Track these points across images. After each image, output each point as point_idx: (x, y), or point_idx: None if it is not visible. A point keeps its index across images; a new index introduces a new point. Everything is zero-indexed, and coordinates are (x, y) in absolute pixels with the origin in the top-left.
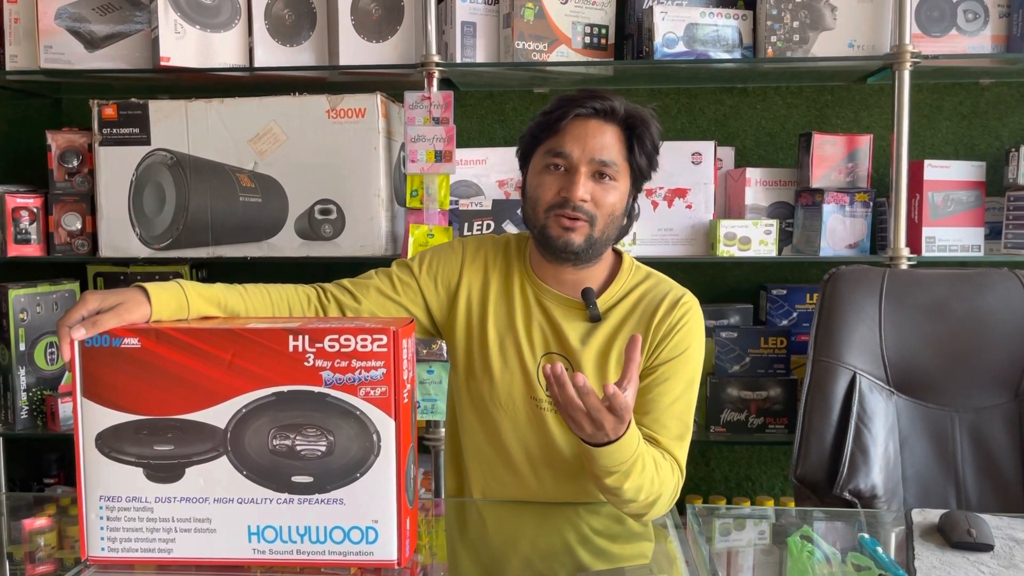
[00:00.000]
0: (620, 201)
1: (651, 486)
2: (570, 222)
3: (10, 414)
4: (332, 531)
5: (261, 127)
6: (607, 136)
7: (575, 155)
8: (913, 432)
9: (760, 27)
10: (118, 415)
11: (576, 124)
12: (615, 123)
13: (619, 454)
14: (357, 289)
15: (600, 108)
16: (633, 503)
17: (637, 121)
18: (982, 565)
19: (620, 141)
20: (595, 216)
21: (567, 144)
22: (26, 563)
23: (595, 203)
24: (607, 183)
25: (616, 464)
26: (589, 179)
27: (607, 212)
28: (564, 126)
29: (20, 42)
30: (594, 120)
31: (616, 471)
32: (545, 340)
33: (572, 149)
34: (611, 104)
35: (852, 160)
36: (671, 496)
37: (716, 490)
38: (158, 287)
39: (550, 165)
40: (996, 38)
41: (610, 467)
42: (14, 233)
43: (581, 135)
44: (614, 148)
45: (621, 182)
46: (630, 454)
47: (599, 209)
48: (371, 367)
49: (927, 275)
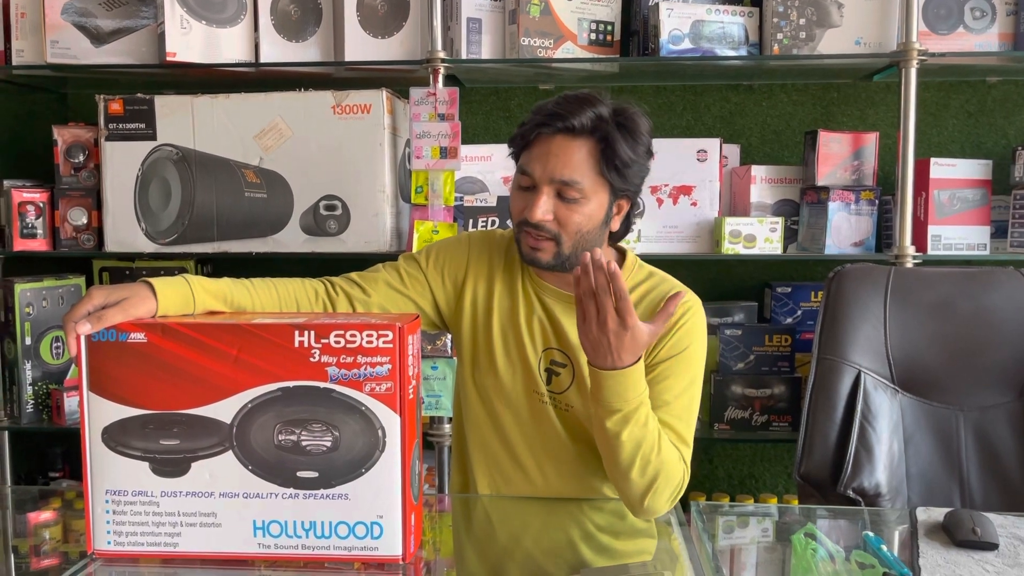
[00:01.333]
0: (590, 217)
1: (651, 451)
2: (535, 241)
3: (16, 408)
4: (337, 526)
5: (266, 123)
6: (572, 153)
7: (536, 174)
8: (917, 430)
9: (766, 24)
10: (124, 409)
11: (541, 141)
12: (584, 136)
13: (623, 386)
14: (366, 282)
15: (564, 125)
16: (632, 469)
17: (609, 131)
18: (987, 564)
19: (591, 155)
20: (559, 234)
21: (531, 162)
22: (31, 556)
23: (558, 222)
24: (571, 203)
25: (619, 400)
26: (552, 198)
27: (572, 231)
28: (532, 143)
29: (26, 37)
30: (559, 136)
31: (618, 409)
32: (545, 335)
33: (534, 168)
34: (574, 121)
35: (858, 158)
36: (676, 486)
37: (719, 487)
38: (164, 282)
39: (520, 183)
40: (1003, 36)
41: (612, 402)
42: (20, 227)
43: (542, 154)
44: (582, 165)
45: (592, 198)
46: (634, 395)
47: (563, 228)
48: (376, 363)
49: (932, 273)
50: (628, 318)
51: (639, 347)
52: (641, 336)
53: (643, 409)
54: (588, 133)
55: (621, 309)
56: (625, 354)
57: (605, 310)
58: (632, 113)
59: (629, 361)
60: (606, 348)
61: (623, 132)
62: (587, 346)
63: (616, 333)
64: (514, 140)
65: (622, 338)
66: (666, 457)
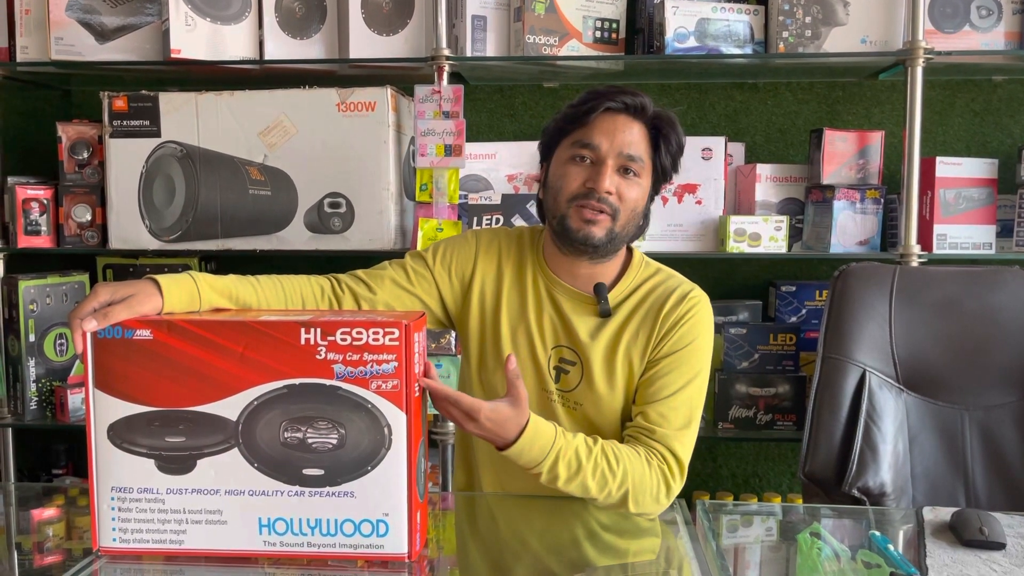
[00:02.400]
0: (642, 198)
1: (603, 481)
2: (593, 214)
3: (19, 405)
4: (343, 524)
5: (271, 120)
6: (635, 132)
7: (603, 147)
8: (923, 430)
9: (772, 22)
10: (130, 406)
11: (605, 117)
12: (642, 121)
13: (527, 453)
14: (372, 280)
15: (630, 104)
16: (597, 500)
17: (664, 121)
18: (994, 564)
19: (646, 139)
20: (618, 210)
21: (595, 136)
22: (34, 553)
23: (619, 197)
24: (632, 178)
25: (533, 463)
26: (615, 173)
27: (630, 207)
28: (593, 119)
29: (31, 34)
30: (623, 115)
31: (540, 471)
32: (555, 333)
33: (600, 141)
34: (641, 101)
35: (863, 156)
36: (655, 489)
37: (723, 486)
38: (170, 279)
39: (576, 156)
40: (1009, 35)
41: (531, 467)
42: (24, 224)
43: (610, 128)
44: (641, 144)
45: (644, 179)
46: (541, 454)
47: (623, 203)
48: (383, 360)
49: (938, 272)
50: (472, 413)
51: (510, 419)
52: (502, 412)
53: (565, 455)
54: (645, 117)
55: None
56: (503, 431)
57: (454, 417)
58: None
59: (515, 432)
60: (489, 437)
61: (672, 123)
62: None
63: (478, 427)
64: (567, 118)
65: (485, 427)
66: (627, 472)
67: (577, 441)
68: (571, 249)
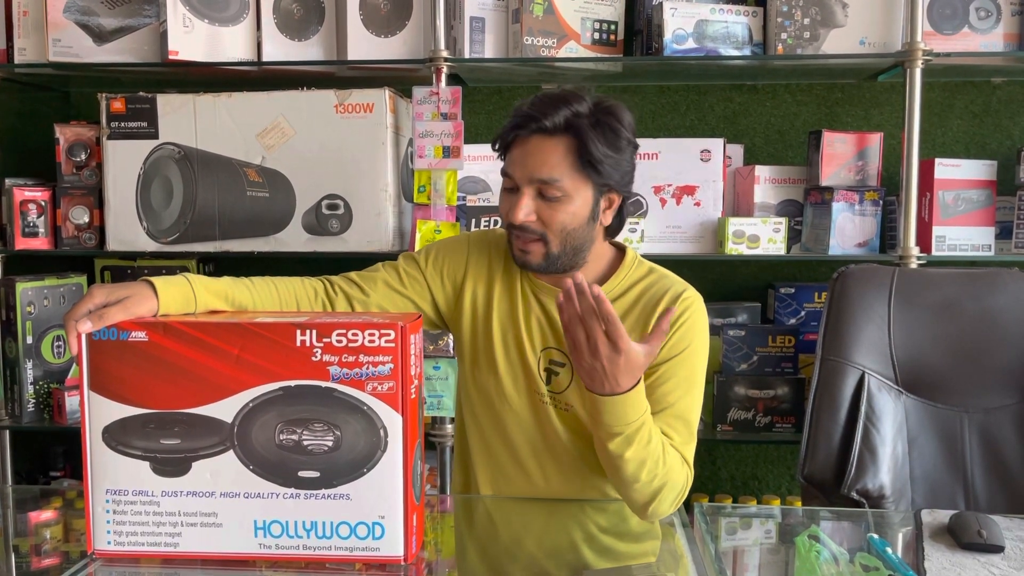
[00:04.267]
0: (574, 215)
1: (655, 465)
2: (523, 243)
3: (17, 407)
4: (339, 526)
5: (269, 122)
6: (549, 152)
7: (517, 175)
8: (922, 432)
9: (771, 24)
10: (125, 408)
11: (519, 143)
12: (559, 134)
13: (623, 410)
14: (365, 282)
15: (539, 126)
16: (637, 483)
17: (584, 128)
18: (993, 567)
19: (569, 153)
20: (544, 234)
21: (510, 165)
22: (32, 556)
23: (542, 222)
24: (553, 202)
25: (620, 423)
26: (534, 199)
27: (557, 229)
28: (512, 147)
29: (29, 35)
30: (535, 137)
31: (619, 432)
32: (544, 335)
33: (514, 170)
34: (547, 122)
35: (862, 158)
36: (679, 491)
37: (722, 489)
38: (165, 281)
39: (505, 185)
40: (1008, 36)
41: (613, 426)
42: (22, 226)
43: (520, 156)
44: (560, 164)
45: (575, 195)
46: (635, 416)
47: (548, 227)
48: (379, 362)
49: (937, 274)
50: (620, 342)
51: (636, 369)
52: (637, 358)
53: (645, 428)
54: (563, 131)
55: (612, 333)
56: (622, 378)
57: (595, 336)
58: (610, 107)
59: (628, 385)
60: (601, 375)
61: (600, 127)
62: (582, 374)
63: (609, 359)
64: (495, 144)
65: (616, 363)
66: (671, 467)
67: (652, 421)
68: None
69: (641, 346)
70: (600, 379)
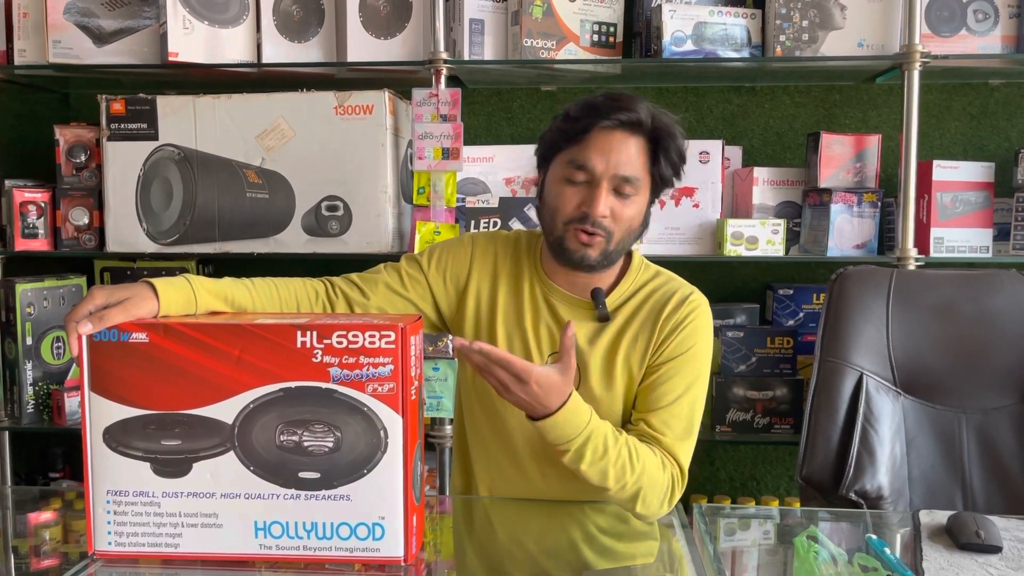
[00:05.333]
0: (639, 214)
1: (621, 473)
2: (588, 238)
3: (16, 408)
4: (339, 527)
5: (268, 123)
6: (631, 149)
7: (598, 169)
8: (920, 433)
9: (769, 26)
10: (126, 409)
11: (600, 136)
12: (640, 134)
13: (561, 428)
14: (365, 284)
15: (625, 120)
16: (607, 491)
17: (663, 133)
18: (990, 567)
19: (644, 153)
20: (613, 232)
21: (590, 157)
22: (31, 557)
23: (614, 218)
24: (627, 198)
25: (562, 440)
26: (610, 194)
27: (625, 227)
28: (587, 137)
29: (29, 37)
30: (618, 132)
31: (566, 449)
32: (552, 339)
33: (595, 163)
34: (637, 116)
35: (860, 160)
36: (665, 491)
37: (721, 490)
38: (165, 282)
39: (571, 176)
40: (1006, 38)
41: (559, 443)
42: (22, 227)
43: (604, 148)
44: (637, 161)
45: (641, 195)
46: (575, 432)
47: (617, 224)
48: (379, 363)
49: (935, 276)
50: (523, 375)
51: (556, 388)
52: (550, 379)
53: (595, 439)
54: (643, 130)
55: (513, 371)
56: (548, 400)
57: (502, 379)
58: (668, 115)
59: (556, 404)
60: (528, 403)
61: (673, 132)
62: (517, 407)
63: (524, 390)
64: (562, 133)
65: (532, 391)
66: (645, 470)
67: (606, 427)
68: (569, 265)
69: (552, 367)
70: (529, 406)
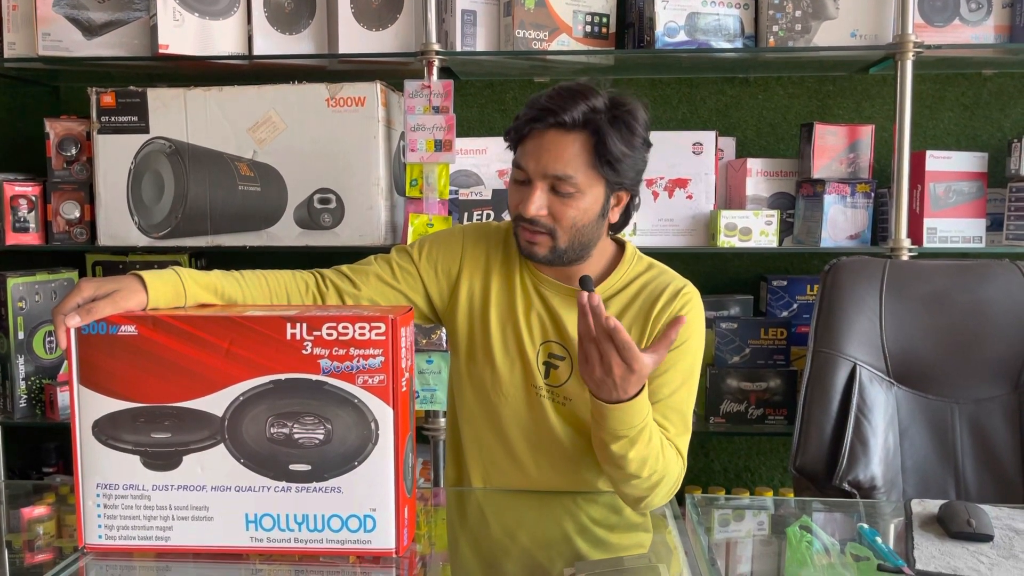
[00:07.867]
0: (585, 211)
1: (655, 462)
2: (531, 235)
3: (9, 403)
4: (330, 519)
5: (260, 116)
6: (566, 148)
7: (530, 169)
8: (913, 423)
9: (762, 16)
10: (115, 403)
11: (534, 136)
12: (577, 130)
13: (629, 416)
14: (356, 276)
15: (557, 120)
16: (636, 479)
17: (602, 125)
18: (981, 555)
19: (584, 149)
20: (554, 229)
21: (524, 157)
22: (25, 551)
23: (553, 216)
24: (566, 197)
25: (624, 428)
26: (546, 193)
27: (567, 225)
28: (525, 138)
29: (18, 29)
30: (552, 131)
31: (623, 436)
32: (544, 328)
33: (528, 163)
34: (566, 116)
35: (853, 151)
36: (673, 483)
37: (715, 481)
38: (154, 275)
39: (515, 176)
40: (999, 28)
41: (618, 430)
42: (12, 221)
43: (535, 149)
44: (575, 160)
45: (587, 192)
46: (640, 420)
47: (558, 222)
48: (369, 355)
49: (928, 266)
50: (634, 364)
51: (644, 379)
52: (645, 370)
53: (647, 428)
54: (581, 127)
55: (627, 358)
56: (631, 387)
57: (609, 358)
58: (628, 105)
59: (634, 392)
60: (611, 386)
61: (617, 125)
62: (590, 383)
63: (623, 376)
64: (508, 134)
65: (628, 378)
66: (668, 461)
67: (652, 419)
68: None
69: (649, 356)
70: (609, 389)
